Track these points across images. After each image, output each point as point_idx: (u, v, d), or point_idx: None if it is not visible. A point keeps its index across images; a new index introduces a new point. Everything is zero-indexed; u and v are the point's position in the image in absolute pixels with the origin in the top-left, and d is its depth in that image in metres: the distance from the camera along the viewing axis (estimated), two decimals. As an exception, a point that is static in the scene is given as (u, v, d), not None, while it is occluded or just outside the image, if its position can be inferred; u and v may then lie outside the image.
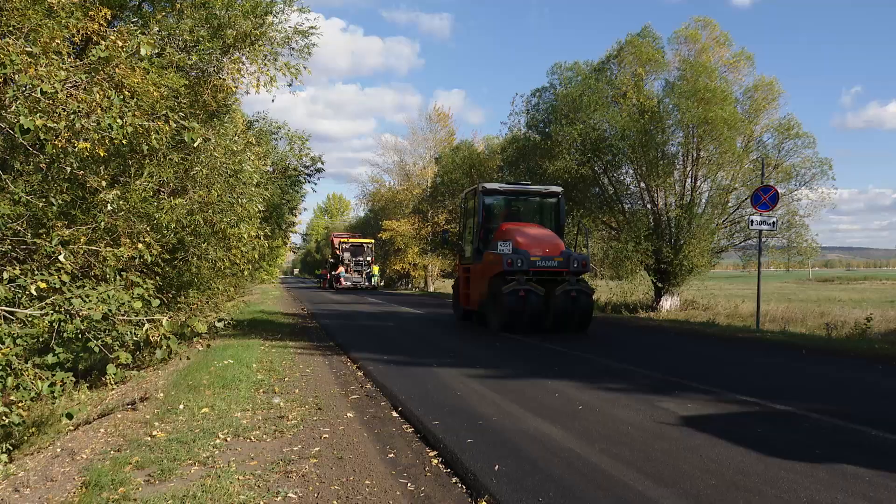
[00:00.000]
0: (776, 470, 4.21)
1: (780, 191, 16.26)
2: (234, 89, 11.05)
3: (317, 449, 4.86)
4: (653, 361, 9.40)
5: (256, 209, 10.80)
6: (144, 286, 6.43)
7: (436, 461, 4.62)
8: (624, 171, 22.06)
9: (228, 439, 5.06)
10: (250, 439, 5.09)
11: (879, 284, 56.88)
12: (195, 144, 7.94)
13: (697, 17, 22.13)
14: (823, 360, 9.88)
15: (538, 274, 13.49)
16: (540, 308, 13.31)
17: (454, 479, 4.23)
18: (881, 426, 5.36)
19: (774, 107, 21.19)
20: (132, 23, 8.68)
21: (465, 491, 4.02)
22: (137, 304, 6.08)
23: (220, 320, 9.06)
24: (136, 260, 6.90)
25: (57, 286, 5.53)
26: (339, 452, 4.79)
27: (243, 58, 10.64)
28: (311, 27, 11.86)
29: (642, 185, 21.38)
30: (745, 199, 19.54)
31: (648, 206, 21.42)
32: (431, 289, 42.63)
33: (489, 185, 15.93)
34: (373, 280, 44.71)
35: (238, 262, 10.99)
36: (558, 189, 16.47)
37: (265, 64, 10.67)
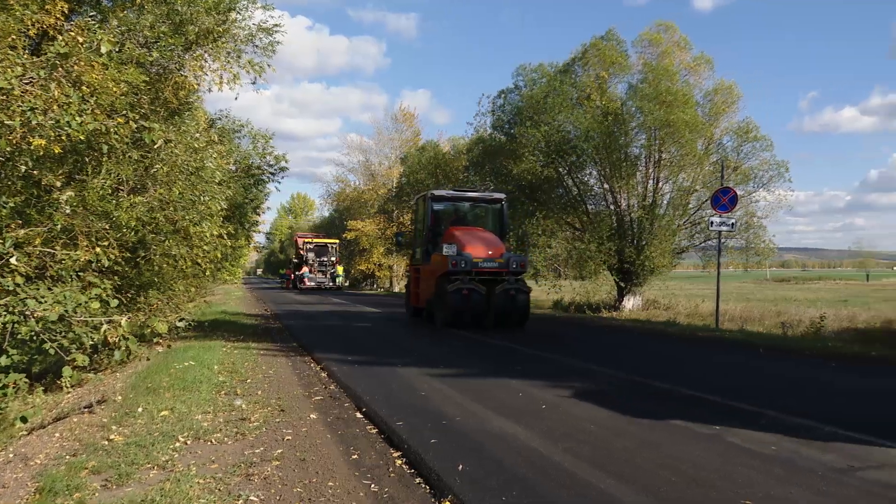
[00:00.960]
0: (734, 466, 4.30)
1: (738, 193, 16.58)
2: (196, 86, 10.89)
3: (279, 451, 4.81)
4: (615, 360, 9.52)
5: (219, 207, 10.63)
6: (102, 286, 6.30)
7: (400, 462, 4.62)
8: (588, 172, 22.30)
9: (189, 442, 4.98)
10: (211, 442, 5.02)
11: (833, 284, 58.49)
12: (156, 146, 7.83)
13: (659, 21, 22.43)
14: (780, 358, 10.11)
15: (480, 274, 14.37)
16: (482, 306, 14.22)
17: (418, 480, 4.23)
18: (836, 423, 5.50)
19: (734, 110, 21.67)
20: (90, 17, 8.50)
21: (428, 491, 4.02)
22: (95, 305, 5.96)
23: (181, 321, 8.91)
24: (94, 263, 6.76)
25: (10, 288, 5.39)
26: (302, 454, 4.75)
27: (206, 55, 10.48)
28: (276, 25, 11.73)
29: (606, 186, 21.65)
30: (706, 200, 19.91)
31: (612, 206, 21.68)
32: (396, 289, 42.52)
33: (437, 192, 16.99)
34: (337, 280, 44.48)
35: (200, 261, 10.82)
36: (501, 196, 17.43)
37: (228, 61, 10.53)
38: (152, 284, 11.42)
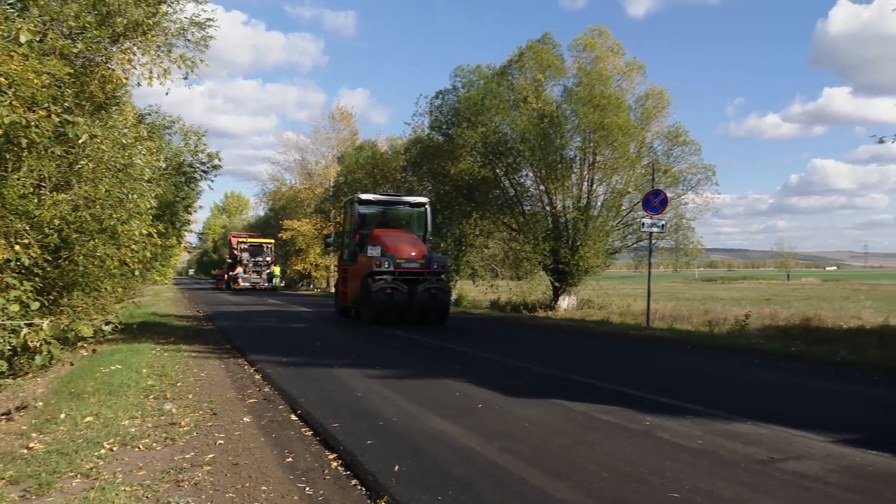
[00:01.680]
0: (663, 460, 4.42)
1: (668, 195, 17.10)
2: (124, 80, 10.50)
3: (211, 456, 4.69)
4: (551, 359, 9.67)
5: (148, 206, 10.30)
6: (22, 288, 6.02)
7: (335, 464, 4.57)
8: (524, 173, 22.58)
9: (115, 449, 4.80)
10: (139, 448, 4.85)
11: (757, 284, 61.04)
12: (80, 141, 7.52)
13: (593, 26, 22.90)
14: (707, 355, 10.47)
15: (403, 274, 15.22)
16: (404, 304, 15.03)
17: (354, 482, 4.20)
18: (759, 417, 5.73)
19: (664, 115, 22.32)
20: (9, 5, 8.10)
21: (364, 493, 4.00)
22: (14, 308, 5.69)
23: (107, 323, 8.60)
24: (13, 263, 6.44)
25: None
26: (235, 458, 4.65)
27: (135, 48, 10.12)
28: (209, 19, 11.44)
29: (542, 187, 21.96)
30: (638, 202, 20.45)
31: (547, 208, 22.02)
32: (333, 289, 42.13)
33: (363, 196, 17.75)
34: (274, 281, 43.78)
35: (128, 261, 10.45)
36: (425, 200, 18.47)
37: (158, 55, 10.19)
38: (77, 286, 10.95)
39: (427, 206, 18.09)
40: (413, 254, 15.58)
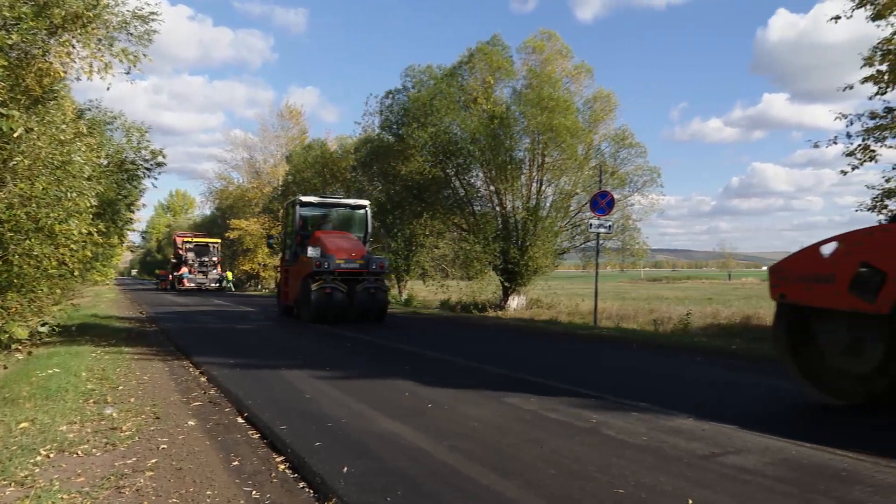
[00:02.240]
0: (609, 457, 4.50)
1: (615, 196, 17.43)
2: (62, 74, 10.14)
3: (154, 461, 4.58)
4: (500, 359, 9.74)
5: (88, 204, 9.98)
6: (-49, 289, 5.77)
7: (283, 466, 4.51)
8: (474, 174, 22.72)
9: (52, 455, 4.64)
10: (78, 454, 4.70)
11: (700, 283, 62.74)
12: (15, 135, 7.25)
13: (543, 29, 23.22)
14: (652, 353, 10.70)
15: (343, 274, 15.72)
16: (344, 303, 15.59)
17: (301, 484, 4.15)
18: (701, 413, 5.88)
19: (611, 118, 22.76)
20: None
21: (312, 495, 3.95)
22: (-58, 309, 5.44)
23: (44, 325, 8.31)
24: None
25: None
26: (179, 463, 4.54)
27: (74, 41, 9.78)
28: (153, 13, 11.13)
29: (492, 188, 22.13)
30: (585, 203, 20.78)
31: (497, 208, 22.19)
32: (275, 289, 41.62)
33: (304, 198, 18.43)
34: (224, 283, 43.34)
35: (67, 261, 10.12)
36: (365, 202, 19.14)
37: (99, 49, 9.89)
38: (11, 286, 10.56)
39: (367, 209, 18.79)
40: (353, 255, 16.12)
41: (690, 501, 3.62)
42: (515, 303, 22.03)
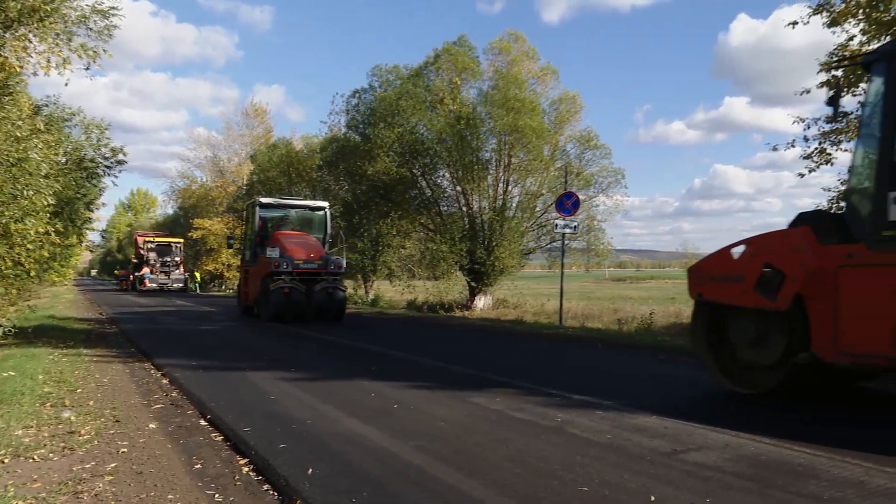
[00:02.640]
0: (574, 455, 4.54)
1: (581, 197, 17.60)
2: (18, 69, 9.87)
3: (113, 465, 4.48)
4: (466, 359, 9.76)
5: (45, 203, 9.74)
6: None
7: (247, 469, 4.45)
8: (441, 174, 22.75)
9: (6, 461, 4.51)
10: (34, 459, 4.58)
11: (663, 283, 63.69)
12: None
13: (509, 30, 23.39)
14: (616, 352, 10.83)
15: (301, 275, 16.10)
16: (302, 302, 15.93)
17: (266, 487, 4.10)
18: (663, 411, 5.97)
19: (577, 119, 22.98)
20: None
21: (276, 497, 3.91)
22: None
23: (-2, 327, 8.07)
24: None
25: None
26: (139, 467, 4.46)
27: (30, 35, 9.54)
28: (113, 7, 10.89)
29: (458, 188, 22.17)
30: (551, 204, 20.94)
31: (464, 208, 22.25)
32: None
33: (264, 200, 19.11)
34: (195, 285, 42.98)
35: (23, 261, 9.88)
36: (325, 204, 19.61)
37: (57, 44, 9.65)
38: (-36, 287, 10.27)
39: (327, 210, 19.29)
40: (311, 255, 16.56)
41: (653, 498, 3.67)
42: (482, 303, 22.10)
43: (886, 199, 5.59)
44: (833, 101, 6.47)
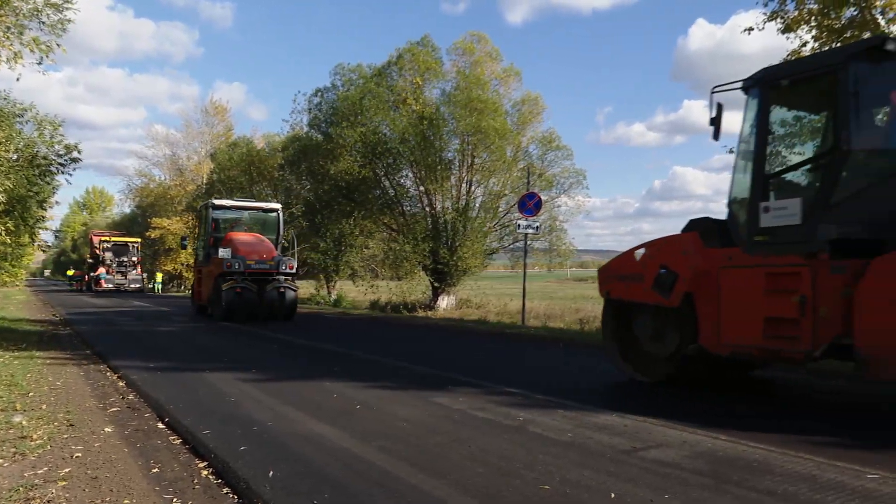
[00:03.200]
0: (536, 454, 4.57)
1: (543, 198, 17.73)
2: (-33, 63, 9.60)
3: (67, 470, 4.37)
4: (429, 359, 9.76)
5: (-5, 201, 9.48)
6: None
7: (206, 472, 4.38)
8: (404, 174, 22.72)
9: (-46, 467, 4.37)
10: (-17, 465, 4.44)
11: (624, 283, 64.36)
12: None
13: (472, 31, 23.45)
14: (578, 352, 10.94)
15: (253, 275, 16.60)
16: (254, 301, 16.46)
17: (225, 490, 4.04)
18: (624, 410, 6.05)
19: (539, 120, 23.15)
20: None
21: (237, 501, 3.86)
22: None
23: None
24: None
25: None
26: (94, 472, 4.35)
27: (-21, 28, 9.29)
28: (66, 1, 10.66)
29: (421, 188, 22.15)
30: (514, 204, 21.07)
31: (427, 208, 22.23)
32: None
33: (217, 202, 19.55)
34: (156, 286, 42.21)
35: (-29, 261, 9.57)
36: (277, 206, 20.23)
37: (8, 37, 9.42)
38: None
39: (279, 212, 19.81)
40: (263, 256, 17.09)
41: (613, 495, 3.72)
42: (445, 303, 22.12)
43: (758, 208, 6.30)
44: (714, 122, 6.94)
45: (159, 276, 43.80)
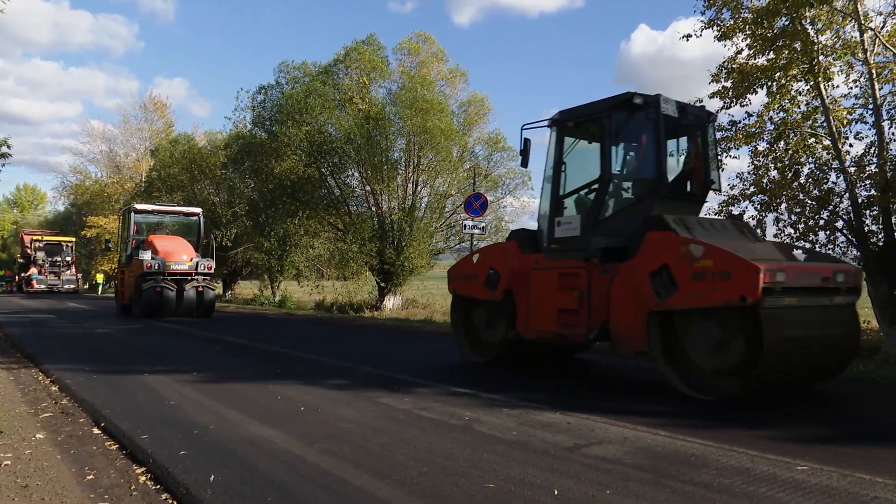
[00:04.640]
0: (481, 453, 4.60)
1: (489, 198, 17.87)
2: None
3: (-5, 478, 4.19)
4: (375, 359, 9.72)
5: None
6: None
7: (144, 478, 4.27)
8: (350, 174, 22.59)
9: None
10: None
11: (568, 283, 65.37)
12: None
13: (418, 31, 23.48)
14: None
15: (173, 275, 17.84)
16: (173, 300, 17.65)
17: (164, 496, 3.94)
18: (566, 407, 6.14)
19: (485, 121, 23.32)
20: None
21: (176, 506, 3.77)
22: None
23: None
24: None
25: None
26: (25, 480, 4.19)
27: None
28: (-5, -10, 10.23)
29: (367, 188, 22.06)
30: (460, 204, 21.17)
31: (373, 208, 22.16)
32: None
33: (139, 206, 20.55)
34: (98, 287, 40.92)
35: None
36: (198, 210, 21.36)
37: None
38: None
39: (200, 216, 20.98)
40: (183, 257, 18.30)
41: (556, 492, 3.78)
42: (391, 303, 22.07)
43: (554, 222, 8.02)
44: (523, 153, 8.73)
45: (100, 277, 42.41)
